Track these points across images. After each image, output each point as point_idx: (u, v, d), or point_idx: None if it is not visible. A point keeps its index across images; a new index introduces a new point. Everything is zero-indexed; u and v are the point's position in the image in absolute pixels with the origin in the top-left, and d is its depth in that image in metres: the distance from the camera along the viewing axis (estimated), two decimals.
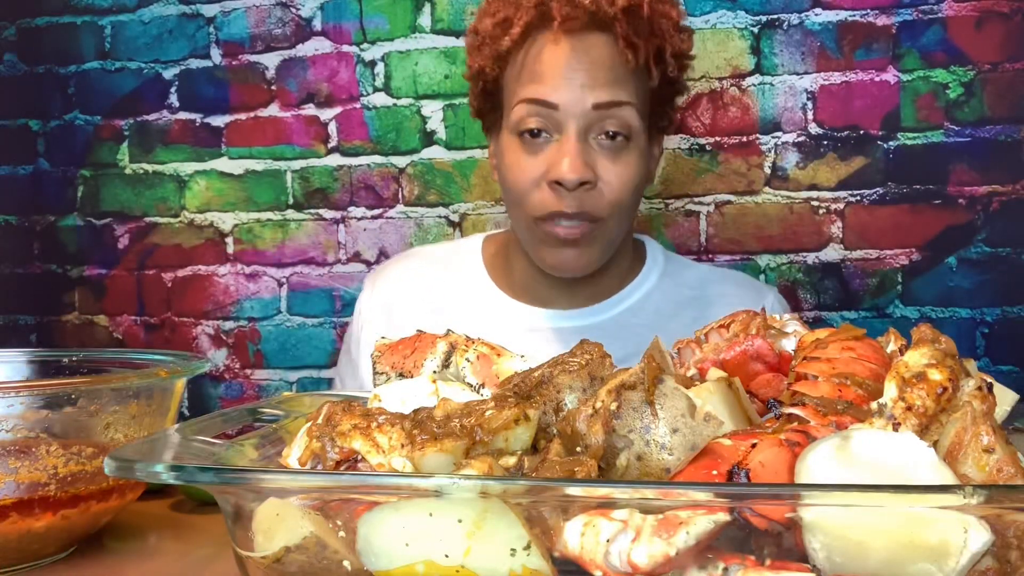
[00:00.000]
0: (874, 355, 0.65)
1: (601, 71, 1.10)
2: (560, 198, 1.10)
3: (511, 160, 1.14)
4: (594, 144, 1.12)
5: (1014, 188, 1.61)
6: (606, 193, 1.11)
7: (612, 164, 1.12)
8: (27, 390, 0.86)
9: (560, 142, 1.11)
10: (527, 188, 1.13)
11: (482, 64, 1.17)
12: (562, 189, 1.10)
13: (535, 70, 1.12)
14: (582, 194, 1.10)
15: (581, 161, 1.09)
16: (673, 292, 1.27)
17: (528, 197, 1.13)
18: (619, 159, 1.12)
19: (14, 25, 2.02)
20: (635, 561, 0.47)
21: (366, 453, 0.59)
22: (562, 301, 1.25)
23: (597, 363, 0.66)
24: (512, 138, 1.14)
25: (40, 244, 2.03)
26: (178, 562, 0.82)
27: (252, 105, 1.91)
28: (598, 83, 1.10)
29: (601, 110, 1.10)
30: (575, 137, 1.10)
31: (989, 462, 0.53)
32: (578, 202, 1.10)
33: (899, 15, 1.64)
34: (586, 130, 1.11)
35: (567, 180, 1.08)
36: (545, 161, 1.11)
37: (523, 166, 1.13)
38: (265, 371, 1.93)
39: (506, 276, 1.29)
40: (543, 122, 1.11)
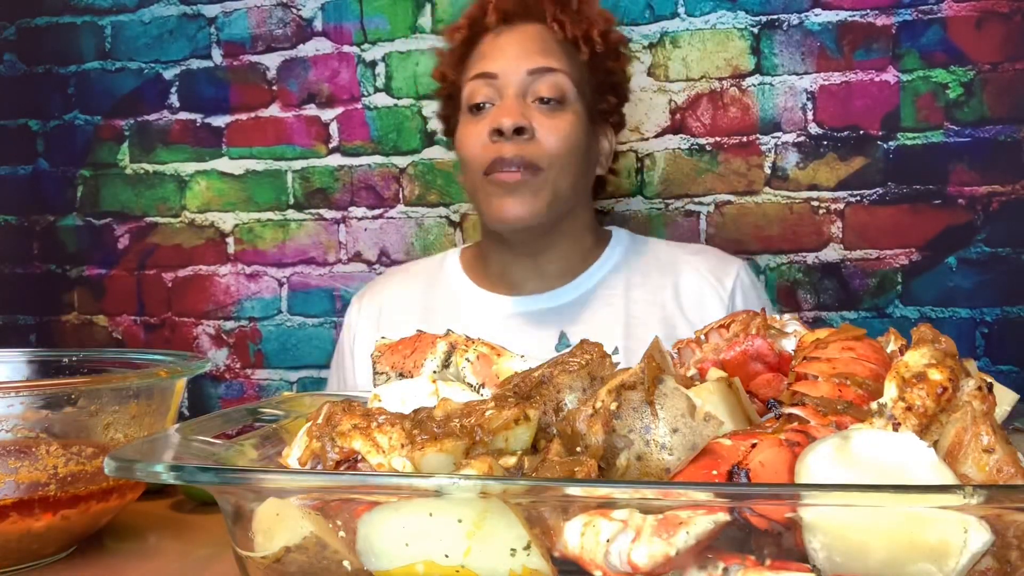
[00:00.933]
0: (874, 355, 0.65)
1: (534, 43, 1.27)
2: (501, 146, 1.22)
3: (463, 132, 1.29)
4: (532, 105, 1.25)
5: (1014, 188, 1.61)
6: (544, 144, 1.23)
7: (548, 119, 1.24)
8: (27, 390, 0.86)
9: (500, 102, 1.25)
10: (475, 149, 1.25)
11: (444, 70, 1.36)
12: (502, 139, 1.22)
13: (479, 54, 1.30)
14: (521, 142, 1.22)
15: (518, 112, 1.23)
16: (640, 264, 1.35)
17: (476, 156, 1.25)
18: (555, 116, 1.25)
19: (14, 25, 2.02)
20: (635, 561, 0.47)
21: (366, 453, 0.59)
22: (533, 284, 1.33)
23: (597, 363, 0.66)
24: (465, 117, 1.29)
25: (40, 244, 2.03)
26: (178, 562, 0.82)
27: (253, 105, 1.91)
28: (531, 52, 1.26)
29: (535, 75, 1.25)
30: (512, 96, 1.25)
31: (989, 462, 0.53)
32: (517, 148, 1.22)
33: (899, 15, 1.64)
34: (523, 92, 1.25)
35: (504, 125, 1.21)
36: (488, 119, 1.25)
37: (471, 131, 1.27)
38: (265, 371, 1.93)
39: (483, 272, 1.38)
40: (487, 92, 1.26)
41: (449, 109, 1.38)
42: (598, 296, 1.32)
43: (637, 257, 1.36)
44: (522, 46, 1.26)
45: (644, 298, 1.31)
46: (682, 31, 1.72)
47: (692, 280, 1.31)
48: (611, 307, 1.30)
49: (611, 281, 1.33)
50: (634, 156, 1.75)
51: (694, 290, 1.31)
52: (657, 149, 1.74)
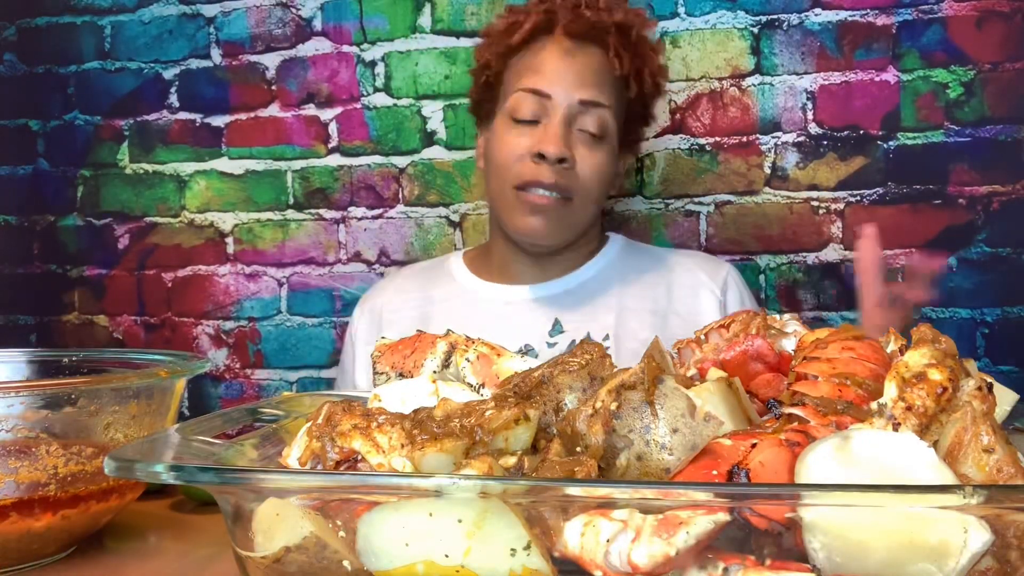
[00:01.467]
0: (874, 355, 0.65)
1: (590, 74, 1.29)
2: (540, 169, 1.26)
3: (502, 138, 1.31)
4: (575, 134, 1.28)
5: (1014, 188, 1.61)
6: (579, 176, 1.28)
7: (588, 152, 1.29)
8: (27, 390, 0.86)
9: (546, 125, 1.27)
10: (512, 160, 1.28)
11: (488, 59, 1.35)
12: (544, 162, 1.25)
13: (535, 65, 1.30)
14: (560, 169, 1.26)
15: (565, 141, 1.26)
16: (634, 261, 1.42)
17: (512, 167, 1.28)
18: (594, 150, 1.29)
19: (14, 25, 2.02)
20: (635, 561, 0.47)
21: (366, 453, 0.59)
22: (530, 276, 1.39)
23: (597, 363, 0.66)
24: (506, 121, 1.31)
25: (40, 244, 2.03)
26: (178, 562, 0.82)
27: (252, 105, 1.91)
28: (587, 83, 1.28)
29: (585, 105, 1.28)
30: (560, 121, 1.27)
31: (989, 462, 0.53)
32: (556, 175, 1.26)
33: (899, 15, 1.64)
34: (570, 120, 1.28)
35: (550, 153, 1.25)
36: (532, 138, 1.27)
37: (512, 142, 1.29)
38: (265, 371, 1.93)
39: (485, 267, 1.43)
40: (535, 109, 1.28)
41: (484, 96, 1.39)
42: (593, 287, 1.38)
43: (632, 256, 1.43)
44: (579, 74, 1.28)
45: (637, 292, 1.36)
46: (682, 31, 1.72)
47: (685, 278, 1.38)
48: (605, 296, 1.36)
49: (606, 275, 1.39)
50: (634, 156, 1.75)
51: (687, 285, 1.37)
52: (657, 149, 1.74)
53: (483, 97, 1.39)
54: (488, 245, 1.46)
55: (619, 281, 1.38)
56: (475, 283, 1.42)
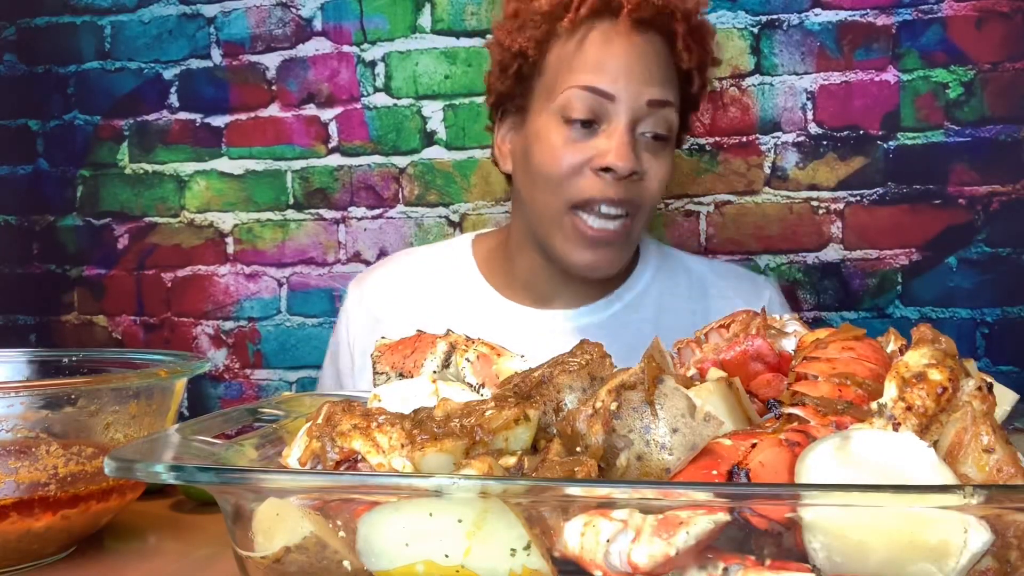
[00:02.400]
0: (874, 355, 0.65)
1: (659, 69, 1.12)
2: (606, 185, 1.09)
3: (550, 143, 1.12)
4: (639, 139, 1.12)
5: (1014, 188, 1.61)
6: (647, 187, 1.13)
7: (654, 159, 1.13)
8: (27, 390, 0.86)
9: (609, 132, 1.10)
10: (567, 174, 1.11)
11: (524, 45, 1.14)
12: (608, 177, 1.09)
13: (594, 58, 1.11)
14: (628, 184, 1.10)
15: (635, 153, 1.10)
16: (670, 287, 1.27)
17: (566, 183, 1.11)
18: (660, 156, 1.14)
19: (14, 25, 2.02)
20: (635, 561, 0.47)
21: (366, 453, 0.59)
22: (561, 300, 1.23)
23: (597, 363, 0.66)
24: (554, 122, 1.12)
25: (40, 244, 2.03)
26: (178, 562, 0.82)
27: (252, 105, 1.91)
28: (655, 80, 1.11)
29: (653, 107, 1.11)
30: (626, 128, 1.10)
31: (989, 462, 0.53)
32: (623, 190, 1.10)
33: (899, 15, 1.64)
34: (635, 124, 1.11)
35: (620, 168, 1.08)
36: (592, 148, 1.10)
37: (566, 151, 1.11)
38: (265, 371, 1.93)
39: (503, 276, 1.27)
40: (593, 110, 1.10)
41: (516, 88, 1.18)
42: (628, 319, 1.23)
43: (668, 276, 1.28)
44: (647, 69, 1.11)
45: (674, 324, 1.21)
46: None
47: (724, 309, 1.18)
48: (640, 332, 1.21)
49: (642, 302, 1.25)
50: None
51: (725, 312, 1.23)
52: None
53: (514, 90, 1.18)
54: (509, 247, 1.26)
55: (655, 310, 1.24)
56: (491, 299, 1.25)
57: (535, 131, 1.14)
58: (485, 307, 1.25)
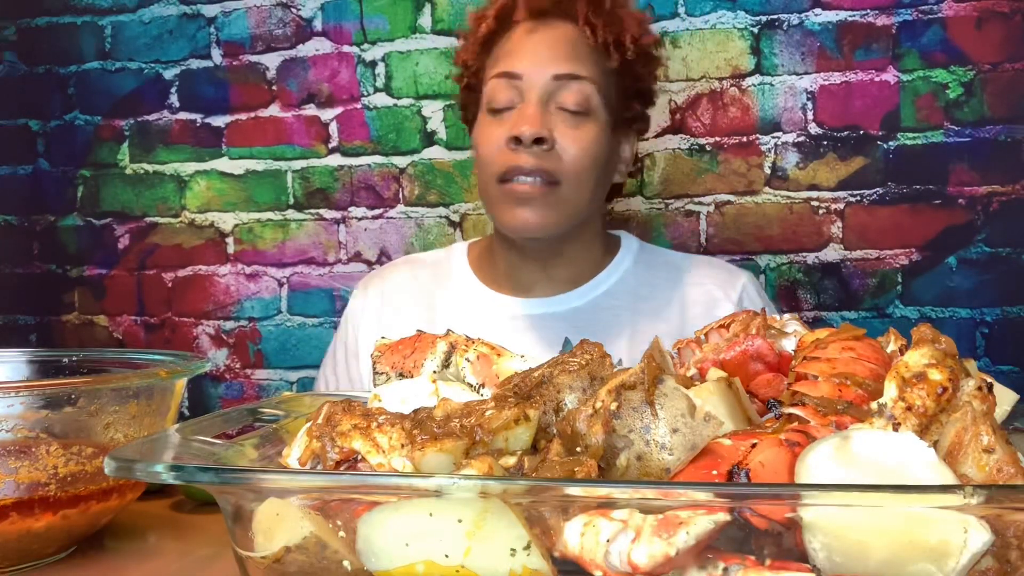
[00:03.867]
0: (874, 355, 0.65)
1: (562, 46, 1.21)
2: (518, 155, 1.18)
3: (481, 132, 1.24)
4: (554, 112, 1.20)
5: (1014, 188, 1.61)
6: (563, 157, 1.19)
7: (570, 130, 1.19)
8: (27, 390, 0.86)
9: (521, 107, 1.20)
10: (492, 151, 1.21)
11: (465, 59, 1.29)
12: (520, 147, 1.17)
13: (505, 49, 1.23)
14: (540, 152, 1.17)
15: (539, 120, 1.17)
16: (648, 275, 1.33)
17: (493, 161, 1.21)
18: (578, 128, 1.20)
19: (14, 25, 2.02)
20: (635, 561, 0.47)
21: (366, 453, 0.59)
22: (541, 287, 1.31)
23: (597, 363, 0.66)
24: (486, 116, 1.24)
25: (40, 244, 2.03)
26: (178, 562, 0.82)
27: (253, 105, 1.91)
28: (559, 57, 1.20)
29: (561, 80, 1.19)
30: (535, 102, 1.19)
31: (989, 462, 0.53)
32: (535, 159, 1.17)
33: (899, 15, 1.64)
34: (546, 98, 1.19)
35: (523, 134, 1.16)
36: (509, 125, 1.19)
37: (490, 133, 1.22)
38: (265, 371, 1.93)
39: (490, 271, 1.35)
40: (510, 94, 1.21)
41: (469, 99, 1.32)
42: (605, 305, 1.30)
43: (645, 268, 1.33)
44: (551, 48, 1.20)
45: (650, 311, 1.28)
46: (682, 31, 1.72)
47: (698, 294, 1.29)
48: (617, 318, 1.28)
49: (618, 291, 1.31)
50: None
51: (700, 303, 1.29)
52: (657, 149, 1.74)
53: (468, 100, 1.32)
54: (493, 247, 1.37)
55: (632, 297, 1.30)
56: (481, 292, 1.33)
57: (476, 129, 1.27)
58: (475, 299, 1.33)
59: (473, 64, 1.28)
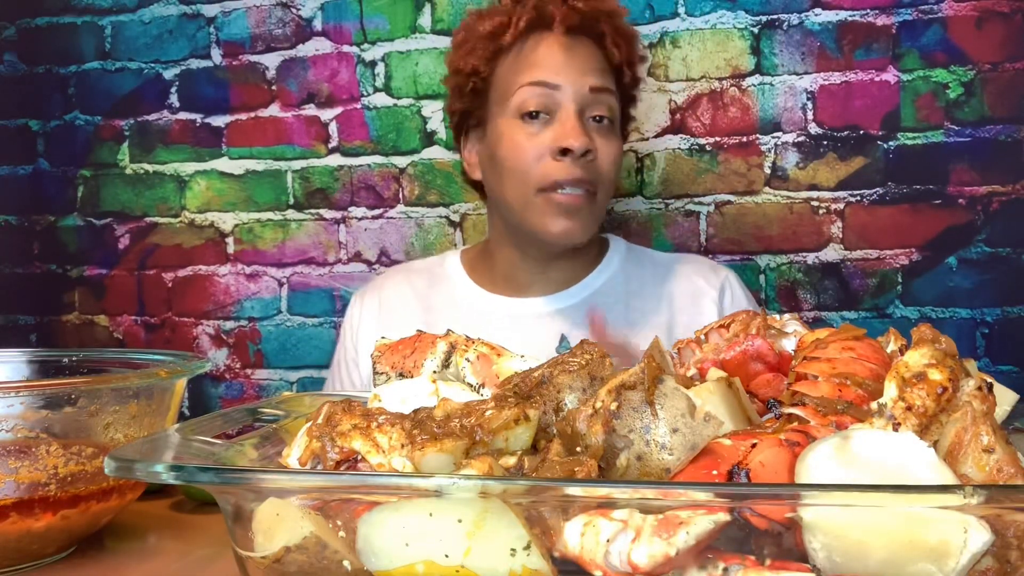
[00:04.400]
0: (874, 355, 0.65)
1: (594, 61, 1.27)
2: (565, 167, 1.21)
3: (512, 140, 1.25)
4: (589, 123, 1.25)
5: (1014, 188, 1.61)
6: (601, 165, 1.25)
7: (604, 141, 1.25)
8: (27, 390, 0.86)
9: (561, 119, 1.23)
10: (531, 162, 1.23)
11: (475, 64, 1.29)
12: (566, 159, 1.21)
13: (536, 59, 1.25)
14: (584, 163, 1.22)
15: (584, 132, 1.22)
16: (636, 273, 1.38)
17: (532, 171, 1.23)
18: (609, 139, 1.26)
19: (14, 25, 2.02)
20: (635, 561, 0.47)
21: (366, 453, 0.59)
22: (538, 288, 1.35)
23: (597, 363, 0.66)
24: (512, 121, 1.25)
25: (40, 244, 2.03)
26: (178, 562, 0.82)
27: (253, 105, 1.91)
28: (593, 71, 1.25)
29: (596, 93, 1.25)
30: (575, 113, 1.23)
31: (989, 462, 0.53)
32: (582, 170, 1.22)
33: (899, 15, 1.64)
34: (582, 110, 1.24)
35: (575, 147, 1.20)
36: (549, 136, 1.23)
37: (526, 143, 1.24)
38: (265, 371, 1.93)
39: (487, 274, 1.39)
40: (544, 102, 1.23)
41: (472, 103, 1.32)
42: (599, 301, 1.34)
43: (634, 266, 1.39)
44: (586, 62, 1.25)
45: (642, 306, 1.34)
46: (682, 31, 1.72)
47: (684, 286, 1.36)
48: (612, 313, 1.33)
49: (611, 287, 1.36)
50: (634, 156, 1.75)
51: (687, 294, 1.35)
52: (657, 149, 1.74)
53: (471, 106, 1.32)
54: (489, 249, 1.40)
55: (624, 292, 1.35)
56: (477, 294, 1.37)
57: (498, 134, 1.27)
58: (471, 300, 1.37)
59: (485, 71, 1.29)
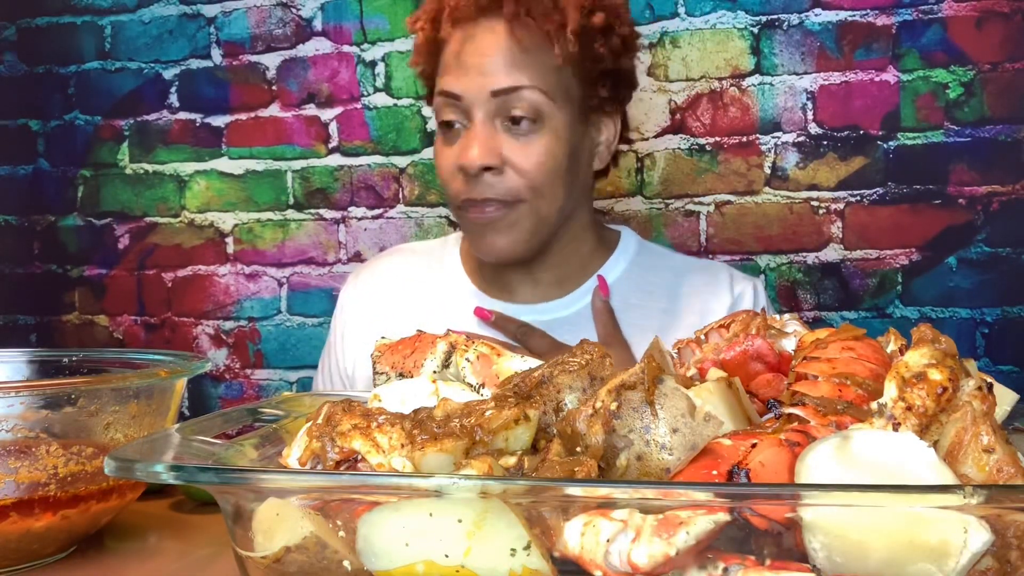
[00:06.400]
0: (874, 355, 0.65)
1: (495, 56, 1.11)
2: (469, 185, 1.12)
3: (436, 151, 1.18)
4: (501, 129, 1.12)
5: (1014, 188, 1.61)
6: (517, 176, 1.12)
7: (521, 147, 1.12)
8: (27, 390, 0.86)
9: (468, 130, 1.13)
10: (447, 178, 1.16)
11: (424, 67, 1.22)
12: (469, 176, 1.11)
13: (443, 63, 1.16)
14: (490, 178, 1.11)
15: (485, 147, 1.10)
16: (641, 282, 1.25)
17: (449, 186, 1.16)
18: (529, 142, 1.12)
19: (14, 25, 2.02)
20: (635, 561, 0.47)
21: (366, 453, 0.59)
22: (527, 291, 1.24)
23: (597, 363, 0.66)
24: (438, 130, 1.18)
25: (40, 244, 2.03)
26: (178, 562, 0.82)
27: (253, 105, 1.91)
28: (493, 69, 1.11)
29: (501, 96, 1.11)
30: (480, 124, 1.12)
31: (989, 462, 0.53)
32: (484, 187, 1.11)
33: (899, 15, 1.64)
34: (491, 116, 1.12)
35: (468, 166, 1.10)
36: (457, 149, 1.13)
37: (442, 157, 1.16)
38: (265, 371, 1.93)
39: (479, 270, 1.28)
40: (455, 113, 1.14)
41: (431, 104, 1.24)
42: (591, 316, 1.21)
43: (641, 274, 1.26)
44: (483, 60, 1.11)
45: (639, 323, 1.21)
46: (682, 31, 1.72)
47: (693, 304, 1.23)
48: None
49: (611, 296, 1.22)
50: (634, 156, 1.75)
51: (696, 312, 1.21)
52: (657, 149, 1.74)
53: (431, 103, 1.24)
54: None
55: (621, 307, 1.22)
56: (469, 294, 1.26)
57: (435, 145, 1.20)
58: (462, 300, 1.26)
59: (429, 70, 1.20)
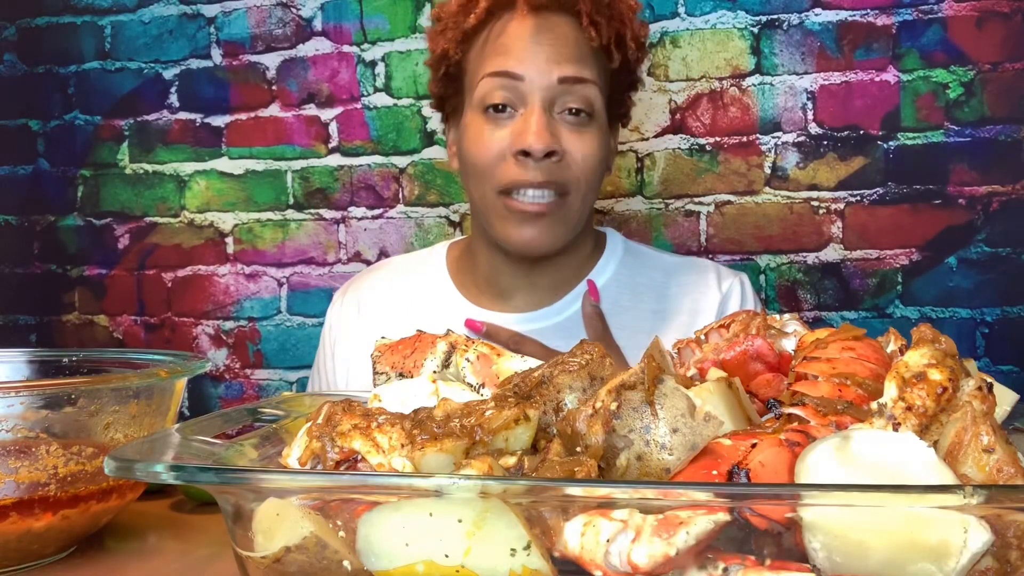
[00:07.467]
0: (874, 355, 0.65)
1: (566, 47, 1.12)
2: (526, 169, 1.10)
3: (475, 135, 1.14)
4: (558, 119, 1.12)
5: (1014, 188, 1.61)
6: (571, 166, 1.12)
7: (577, 138, 1.12)
8: (27, 390, 0.86)
9: (525, 114, 1.11)
10: (492, 161, 1.12)
11: (445, 47, 1.17)
12: (528, 160, 1.10)
13: (500, 45, 1.13)
14: (549, 165, 1.10)
15: (548, 131, 1.10)
16: (630, 283, 1.26)
17: (493, 170, 1.13)
18: (583, 134, 1.13)
19: (14, 25, 2.02)
20: (635, 561, 0.47)
21: (366, 453, 0.59)
22: (522, 296, 1.24)
23: (597, 363, 0.66)
24: (476, 114, 1.15)
25: (40, 244, 2.03)
26: (178, 562, 0.82)
27: (253, 105, 1.91)
28: (563, 58, 1.11)
29: (566, 84, 1.11)
30: (540, 109, 1.11)
31: (989, 462, 0.53)
32: (545, 172, 1.10)
33: (899, 15, 1.64)
34: (551, 103, 1.12)
35: (535, 149, 1.09)
36: (510, 133, 1.11)
37: (487, 140, 1.13)
38: (265, 371, 1.93)
39: (470, 276, 1.27)
40: (508, 95, 1.12)
41: (447, 89, 1.22)
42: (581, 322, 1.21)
43: (630, 274, 1.27)
44: (555, 48, 1.11)
45: (630, 325, 1.21)
46: (682, 31, 1.72)
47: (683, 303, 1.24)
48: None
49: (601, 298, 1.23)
50: (634, 156, 1.75)
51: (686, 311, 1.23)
52: (657, 149, 1.74)
53: (446, 91, 1.22)
54: (472, 248, 1.28)
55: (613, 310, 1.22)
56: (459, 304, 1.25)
57: (465, 125, 1.17)
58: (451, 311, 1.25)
59: (454, 54, 1.17)
